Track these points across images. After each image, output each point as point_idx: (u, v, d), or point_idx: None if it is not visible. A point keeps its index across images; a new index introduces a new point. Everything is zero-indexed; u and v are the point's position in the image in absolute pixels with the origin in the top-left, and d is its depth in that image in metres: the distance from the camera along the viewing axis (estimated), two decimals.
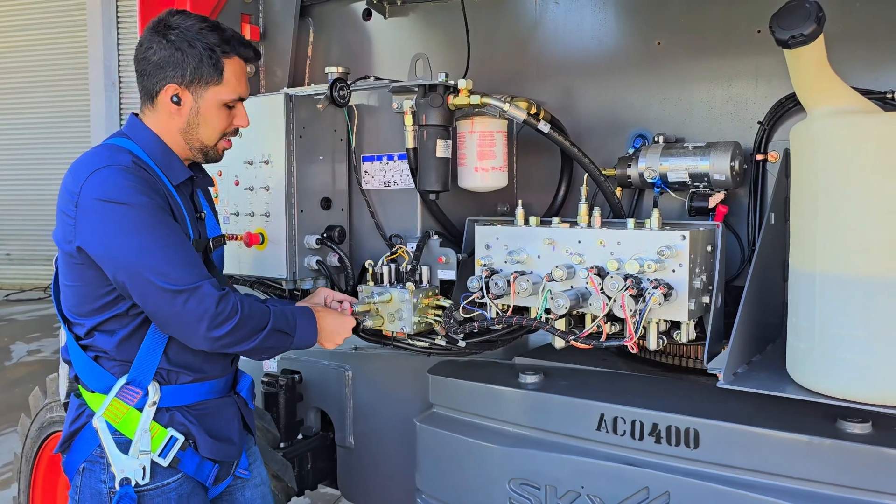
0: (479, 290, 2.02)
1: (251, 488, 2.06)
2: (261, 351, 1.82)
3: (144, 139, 1.82)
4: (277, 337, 1.82)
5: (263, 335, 1.78)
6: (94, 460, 1.80)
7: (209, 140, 1.85)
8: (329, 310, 2.05)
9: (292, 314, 1.87)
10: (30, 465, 3.16)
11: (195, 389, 1.86)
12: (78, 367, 1.83)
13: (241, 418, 1.99)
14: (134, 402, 1.77)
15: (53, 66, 11.23)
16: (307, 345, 1.91)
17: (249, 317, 1.74)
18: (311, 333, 1.91)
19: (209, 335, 1.69)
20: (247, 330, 1.74)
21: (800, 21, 1.62)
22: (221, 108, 1.84)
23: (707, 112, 2.35)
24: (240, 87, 1.85)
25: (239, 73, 1.84)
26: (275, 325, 1.80)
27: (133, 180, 1.68)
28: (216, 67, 1.79)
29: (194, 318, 1.67)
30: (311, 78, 3.10)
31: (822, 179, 1.66)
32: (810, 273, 1.69)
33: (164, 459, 1.78)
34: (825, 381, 1.67)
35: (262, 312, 1.79)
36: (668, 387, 2.18)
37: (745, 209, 2.27)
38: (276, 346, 1.84)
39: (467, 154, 2.32)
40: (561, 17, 2.60)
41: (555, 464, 2.07)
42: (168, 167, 1.82)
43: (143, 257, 1.65)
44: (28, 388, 3.48)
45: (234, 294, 1.75)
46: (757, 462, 1.82)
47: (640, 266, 1.81)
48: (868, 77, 2.08)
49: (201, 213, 1.94)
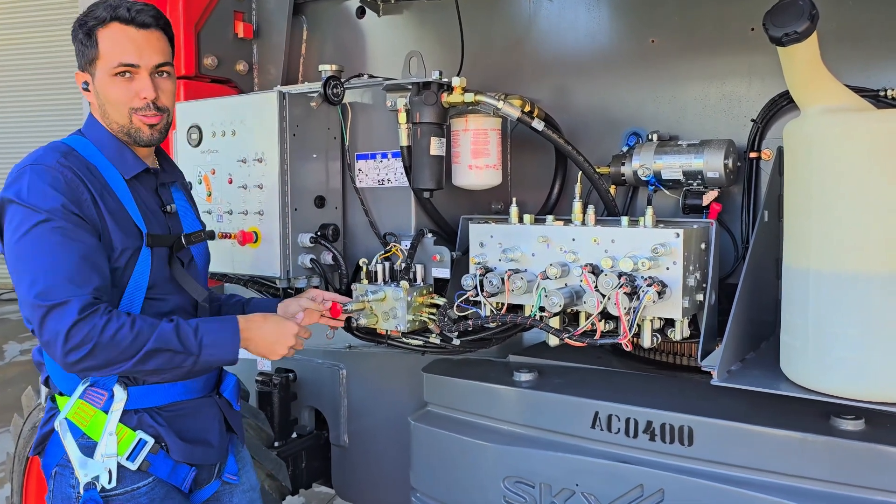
0: (474, 288, 2.01)
1: (240, 494, 2.01)
2: (150, 373, 1.68)
3: (98, 135, 1.80)
4: (165, 357, 1.64)
5: (137, 359, 1.60)
6: (65, 464, 1.76)
7: (120, 118, 1.77)
8: (268, 317, 1.84)
9: (196, 332, 1.68)
10: (22, 465, 3.14)
11: (166, 390, 1.80)
12: (49, 368, 1.81)
13: (225, 420, 1.94)
14: (100, 405, 1.73)
15: (45, 63, 11.18)
16: (227, 360, 1.74)
17: (112, 342, 1.57)
18: (226, 349, 1.72)
19: (66, 360, 1.57)
20: (109, 354, 1.58)
21: (793, 19, 1.62)
22: (114, 80, 1.74)
23: (701, 110, 2.36)
24: (122, 54, 1.72)
25: (118, 38, 1.73)
26: (156, 346, 1.62)
27: (48, 182, 1.63)
28: (90, 38, 1.74)
29: (51, 338, 1.56)
30: (304, 76, 3.09)
31: (815, 177, 1.66)
32: (804, 270, 1.69)
33: (133, 463, 1.73)
34: (819, 379, 1.68)
35: (138, 334, 1.60)
36: (663, 384, 2.19)
37: (739, 207, 2.28)
38: (166, 367, 1.66)
39: (461, 152, 2.31)
40: (555, 15, 2.60)
41: (549, 462, 2.07)
42: (121, 161, 1.78)
43: (22, 263, 1.60)
44: (21, 388, 3.47)
45: (102, 317, 1.57)
46: (751, 459, 1.83)
47: (634, 264, 1.82)
48: (861, 75, 2.09)
49: (167, 207, 1.87)
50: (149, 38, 1.76)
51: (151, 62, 1.76)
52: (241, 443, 2.07)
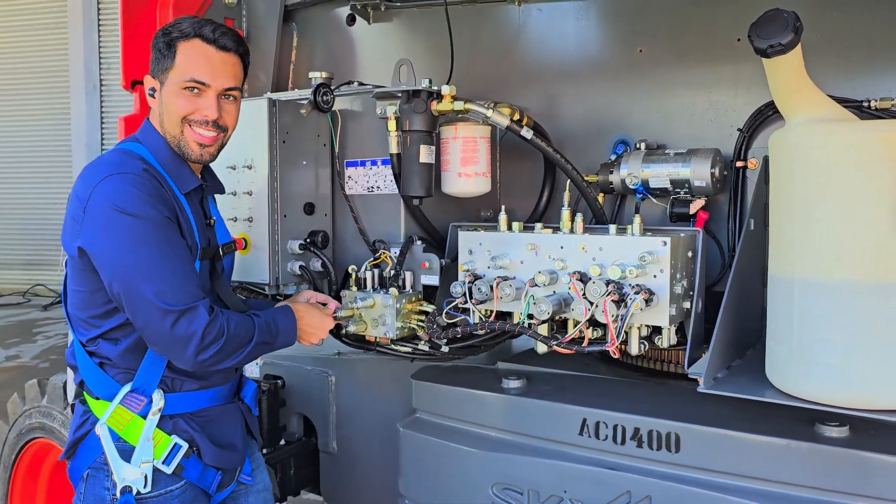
0: (463, 295, 2.02)
1: (254, 494, 2.06)
2: (246, 361, 1.84)
3: (155, 144, 1.82)
4: (260, 348, 1.84)
5: (248, 350, 1.79)
6: (98, 467, 1.79)
7: (173, 128, 1.80)
8: (309, 307, 2.05)
9: (274, 321, 1.88)
10: (7, 473, 3.12)
11: (199, 397, 1.86)
12: (84, 372, 1.82)
13: (245, 424, 2.00)
14: (138, 410, 1.76)
15: (34, 69, 11.13)
16: (289, 344, 1.94)
17: (234, 336, 1.74)
18: (291, 335, 1.94)
19: (196, 359, 1.70)
20: (232, 348, 1.75)
21: (778, 31, 1.65)
22: (180, 93, 1.78)
23: (688, 119, 2.38)
24: (196, 70, 1.77)
25: (196, 55, 1.78)
26: (259, 338, 1.81)
27: (142, 190, 1.67)
28: (170, 49, 1.77)
29: (182, 340, 1.67)
30: (294, 83, 3.09)
31: (799, 186, 1.68)
32: (789, 278, 1.71)
33: (168, 467, 1.78)
34: (803, 386, 1.69)
35: (246, 329, 1.79)
36: (650, 391, 2.20)
37: (726, 215, 2.29)
38: (259, 355, 1.87)
39: (450, 160, 2.32)
40: (544, 24, 2.62)
41: (537, 468, 2.08)
42: (178, 175, 1.81)
43: (141, 272, 1.65)
44: (6, 395, 3.44)
45: (221, 314, 1.74)
46: (737, 466, 1.84)
47: (621, 271, 1.83)
48: (844, 86, 2.11)
49: (211, 220, 1.93)
50: (225, 61, 1.81)
51: (222, 84, 1.81)
52: (256, 446, 2.12)
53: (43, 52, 11.07)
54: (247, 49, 1.90)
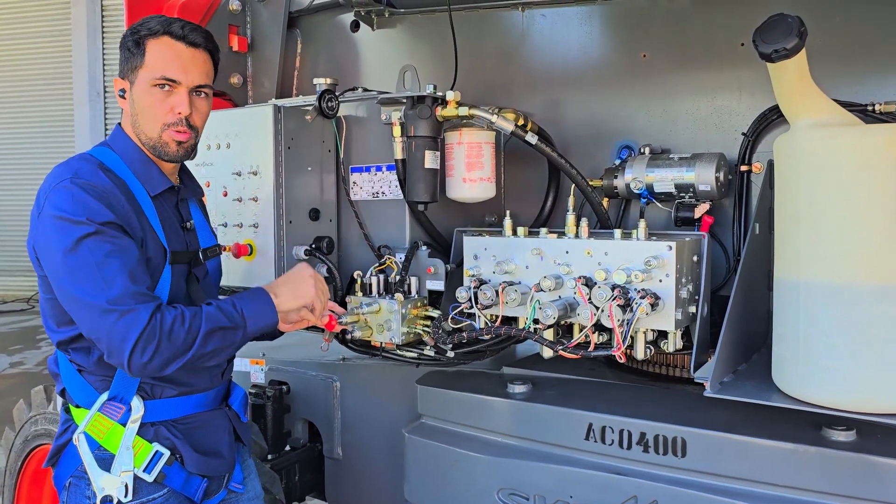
0: (468, 300, 2.02)
1: (245, 502, 2.03)
2: (209, 356, 1.69)
3: (125, 148, 1.81)
4: (219, 337, 1.68)
5: (198, 343, 1.64)
6: (80, 476, 1.77)
7: (151, 131, 1.78)
8: (286, 275, 1.91)
9: (234, 304, 1.73)
10: (14, 479, 3.12)
11: (181, 403, 1.83)
12: (65, 379, 1.81)
13: (234, 431, 1.97)
14: (117, 418, 1.74)
15: (38, 75, 11.19)
16: (270, 322, 1.78)
17: (172, 332, 1.61)
18: (268, 312, 1.77)
19: (135, 363, 1.59)
20: (174, 346, 1.61)
21: (782, 35, 1.65)
22: (152, 91, 1.75)
23: (692, 123, 2.38)
24: (166, 67, 1.74)
25: (166, 52, 1.75)
26: (209, 326, 1.66)
27: (90, 194, 1.64)
28: (139, 47, 1.76)
29: (119, 344, 1.58)
30: (299, 89, 3.10)
31: (804, 190, 1.68)
32: (794, 282, 1.71)
33: (149, 475, 1.75)
34: (810, 390, 1.69)
35: (191, 321, 1.64)
36: (656, 396, 2.20)
37: (731, 219, 2.30)
38: (223, 345, 1.70)
39: (455, 165, 2.33)
40: (548, 30, 2.62)
41: (543, 473, 2.08)
42: (147, 178, 1.80)
43: (79, 277, 1.60)
44: (11, 401, 3.45)
45: (168, 315, 1.62)
46: (743, 470, 1.84)
47: (627, 276, 1.83)
48: (849, 90, 2.11)
49: (187, 223, 1.90)
50: (195, 57, 1.80)
51: (193, 81, 1.79)
52: (247, 453, 2.10)
53: (47, 59, 11.13)
54: (216, 46, 1.86)
